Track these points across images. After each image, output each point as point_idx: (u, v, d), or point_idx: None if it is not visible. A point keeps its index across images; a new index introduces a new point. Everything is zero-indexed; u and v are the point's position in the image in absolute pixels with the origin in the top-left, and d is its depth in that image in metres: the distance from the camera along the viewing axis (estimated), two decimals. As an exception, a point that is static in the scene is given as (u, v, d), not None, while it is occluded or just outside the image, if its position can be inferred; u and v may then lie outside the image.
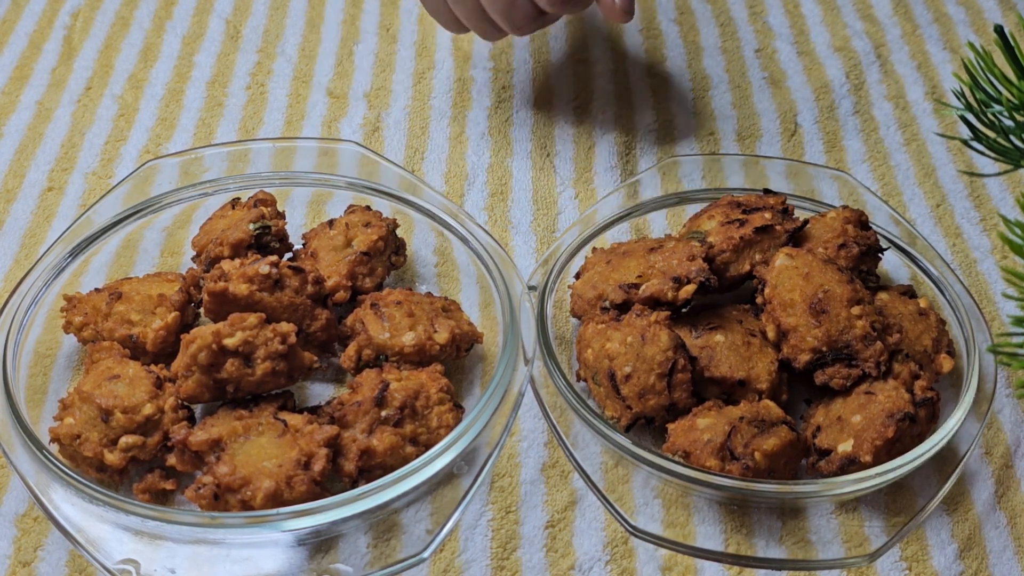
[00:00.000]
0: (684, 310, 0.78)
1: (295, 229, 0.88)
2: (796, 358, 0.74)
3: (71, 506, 0.67)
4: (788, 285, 0.75)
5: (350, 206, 0.86)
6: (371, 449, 0.69)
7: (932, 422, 0.73)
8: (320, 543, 0.69)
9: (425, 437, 0.71)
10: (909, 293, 0.81)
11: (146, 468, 0.72)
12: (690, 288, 0.76)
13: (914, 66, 1.09)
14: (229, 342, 0.70)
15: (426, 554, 0.69)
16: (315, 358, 0.73)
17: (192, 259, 0.84)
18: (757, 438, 0.70)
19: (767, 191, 0.86)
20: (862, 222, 0.83)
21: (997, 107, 0.58)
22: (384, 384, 0.72)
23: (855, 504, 0.73)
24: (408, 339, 0.75)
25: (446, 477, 0.71)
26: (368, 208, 0.85)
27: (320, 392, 0.79)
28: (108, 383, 0.72)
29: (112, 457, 0.70)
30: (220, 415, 0.71)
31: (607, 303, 0.78)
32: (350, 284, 0.81)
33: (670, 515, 0.73)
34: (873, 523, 0.72)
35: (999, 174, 0.70)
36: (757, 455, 0.69)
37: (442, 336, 0.76)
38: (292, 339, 0.71)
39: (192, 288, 0.81)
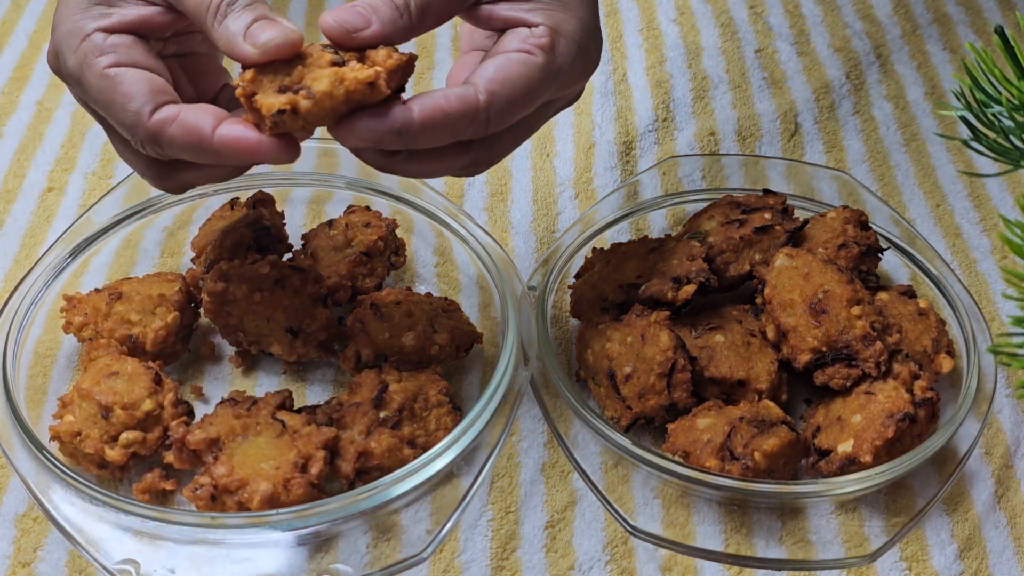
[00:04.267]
0: (684, 310, 0.78)
1: (295, 229, 0.88)
2: (796, 358, 0.74)
3: (71, 506, 0.67)
4: (788, 285, 0.75)
5: (350, 206, 0.86)
6: (369, 451, 0.69)
7: (932, 422, 0.73)
8: (320, 543, 0.69)
9: (423, 439, 0.71)
10: (909, 293, 0.81)
11: (146, 466, 0.72)
12: (690, 288, 0.76)
13: (914, 66, 1.09)
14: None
15: (426, 554, 0.69)
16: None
17: (192, 259, 0.84)
18: (757, 438, 0.70)
19: (767, 191, 0.86)
20: (862, 222, 0.83)
21: (997, 107, 0.58)
22: (383, 385, 0.72)
23: (855, 504, 0.73)
24: (407, 339, 0.75)
25: (446, 477, 0.71)
26: (368, 208, 0.85)
27: (319, 392, 0.79)
28: (107, 380, 0.72)
29: (113, 453, 0.70)
30: (219, 413, 0.71)
31: (607, 303, 0.78)
32: (350, 284, 0.81)
33: (670, 515, 0.73)
34: (873, 523, 0.72)
35: (999, 174, 0.70)
36: (757, 455, 0.69)
37: (441, 336, 0.76)
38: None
39: (192, 288, 0.81)
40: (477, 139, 0.63)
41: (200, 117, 0.60)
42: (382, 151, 0.62)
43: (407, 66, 0.61)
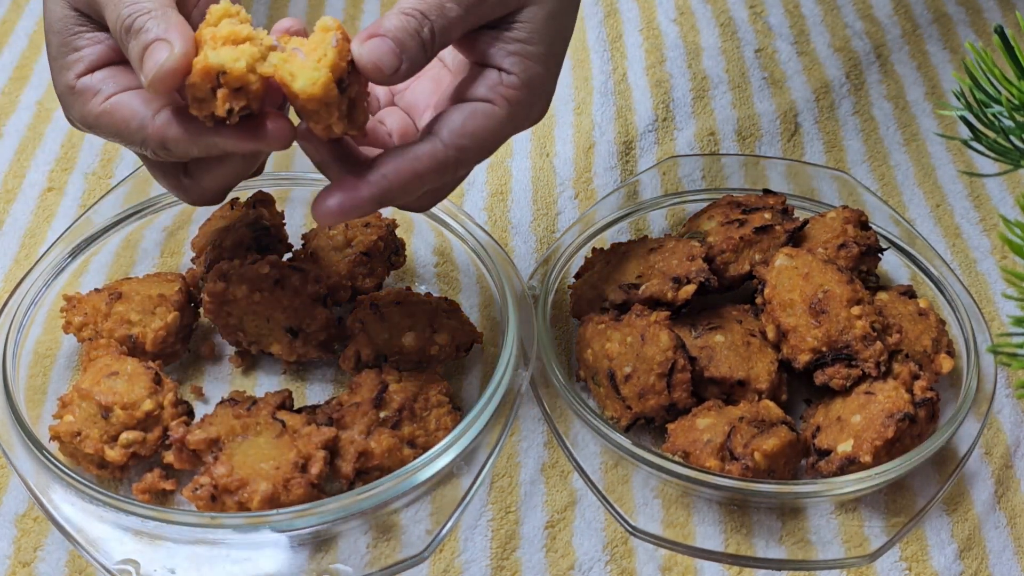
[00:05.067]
0: (684, 310, 0.78)
1: (295, 229, 0.88)
2: (796, 358, 0.74)
3: (71, 506, 0.67)
4: (788, 285, 0.75)
5: (350, 206, 0.86)
6: (368, 451, 0.69)
7: (932, 422, 0.73)
8: (320, 543, 0.69)
9: (423, 439, 0.71)
10: (909, 293, 0.81)
11: (146, 466, 0.72)
12: (690, 288, 0.76)
13: (914, 66, 1.09)
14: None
15: (426, 554, 0.69)
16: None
17: (192, 259, 0.84)
18: (757, 438, 0.70)
19: (767, 191, 0.86)
20: (862, 222, 0.83)
21: (997, 107, 0.58)
22: (383, 385, 0.72)
23: (855, 504, 0.73)
24: (407, 340, 0.75)
25: (446, 477, 0.71)
26: (368, 208, 0.85)
27: (319, 392, 0.79)
28: (107, 380, 0.72)
29: (113, 453, 0.70)
30: (218, 413, 0.71)
31: (607, 303, 0.78)
32: (349, 284, 0.81)
33: (670, 515, 0.72)
34: (873, 523, 0.72)
35: (999, 174, 0.70)
36: (757, 455, 0.69)
37: (441, 337, 0.76)
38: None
39: (192, 288, 0.81)
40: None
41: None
42: None
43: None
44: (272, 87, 0.61)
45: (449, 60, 0.71)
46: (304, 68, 0.60)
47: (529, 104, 0.66)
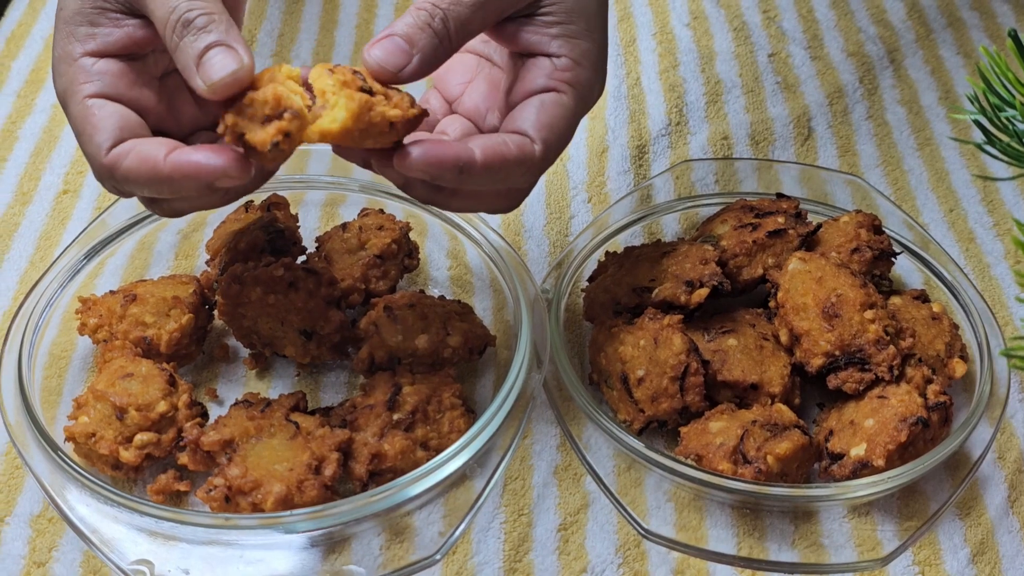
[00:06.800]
0: (697, 314, 0.78)
1: (309, 232, 0.88)
2: (809, 362, 0.74)
3: (86, 507, 0.67)
4: (801, 289, 0.75)
5: (364, 209, 0.86)
6: (382, 453, 0.69)
7: (945, 426, 0.73)
8: (333, 545, 0.70)
9: (436, 442, 0.71)
10: (922, 297, 0.81)
11: (161, 467, 0.72)
12: (703, 292, 0.76)
13: (927, 71, 1.09)
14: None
15: (438, 556, 0.69)
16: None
17: (206, 262, 0.84)
18: (769, 442, 0.70)
19: (780, 195, 0.86)
20: (875, 226, 0.83)
21: (1010, 111, 0.58)
22: (396, 388, 0.72)
23: (867, 508, 0.73)
24: (421, 342, 0.75)
25: (459, 479, 0.71)
26: (382, 211, 0.86)
27: (332, 394, 0.79)
28: (122, 381, 0.72)
29: (127, 455, 0.70)
30: (232, 415, 0.71)
31: (620, 307, 0.79)
32: (363, 287, 0.81)
33: (682, 518, 0.73)
34: (885, 527, 0.72)
35: (1012, 178, 0.69)
36: (770, 459, 0.69)
37: (455, 339, 0.76)
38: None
39: (206, 291, 0.81)
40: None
41: (153, 148, 0.60)
42: (431, 185, 0.63)
43: (419, 120, 0.62)
44: None
45: (499, 59, 0.70)
46: (327, 111, 0.59)
47: (590, 82, 0.65)
